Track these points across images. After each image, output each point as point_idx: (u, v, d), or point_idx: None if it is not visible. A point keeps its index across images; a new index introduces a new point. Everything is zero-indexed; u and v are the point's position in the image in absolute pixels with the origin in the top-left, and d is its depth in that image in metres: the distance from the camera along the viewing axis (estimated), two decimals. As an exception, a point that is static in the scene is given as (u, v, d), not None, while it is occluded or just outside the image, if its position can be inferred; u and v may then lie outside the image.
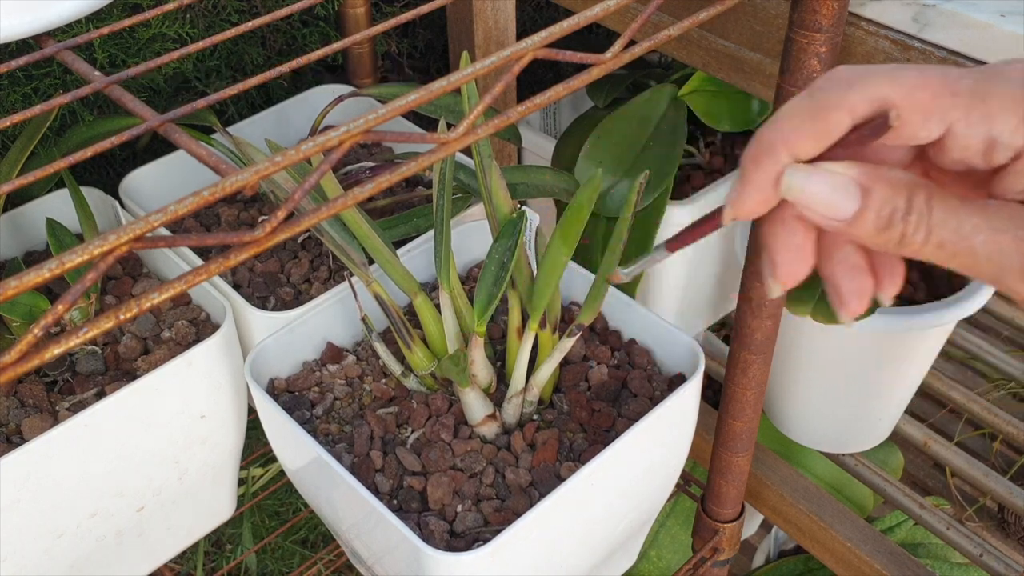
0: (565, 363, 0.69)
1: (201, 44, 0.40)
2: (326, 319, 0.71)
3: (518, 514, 0.57)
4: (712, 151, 1.03)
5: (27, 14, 0.45)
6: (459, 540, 0.59)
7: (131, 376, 0.67)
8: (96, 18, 0.85)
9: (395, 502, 0.61)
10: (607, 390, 0.67)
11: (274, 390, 0.68)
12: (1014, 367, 1.32)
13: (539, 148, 1.03)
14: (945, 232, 0.27)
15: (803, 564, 1.18)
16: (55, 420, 0.65)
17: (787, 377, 0.99)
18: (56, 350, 0.27)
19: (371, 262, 0.67)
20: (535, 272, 0.64)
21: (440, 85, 0.33)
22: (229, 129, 0.83)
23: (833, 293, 0.31)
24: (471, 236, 0.77)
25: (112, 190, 0.81)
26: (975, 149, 0.27)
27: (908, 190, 0.27)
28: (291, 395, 0.68)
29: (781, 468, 0.91)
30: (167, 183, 0.84)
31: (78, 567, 0.68)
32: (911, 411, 1.25)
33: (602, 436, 0.65)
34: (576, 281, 0.74)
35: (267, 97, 1.03)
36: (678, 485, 0.89)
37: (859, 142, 0.28)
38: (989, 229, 0.27)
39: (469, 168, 0.79)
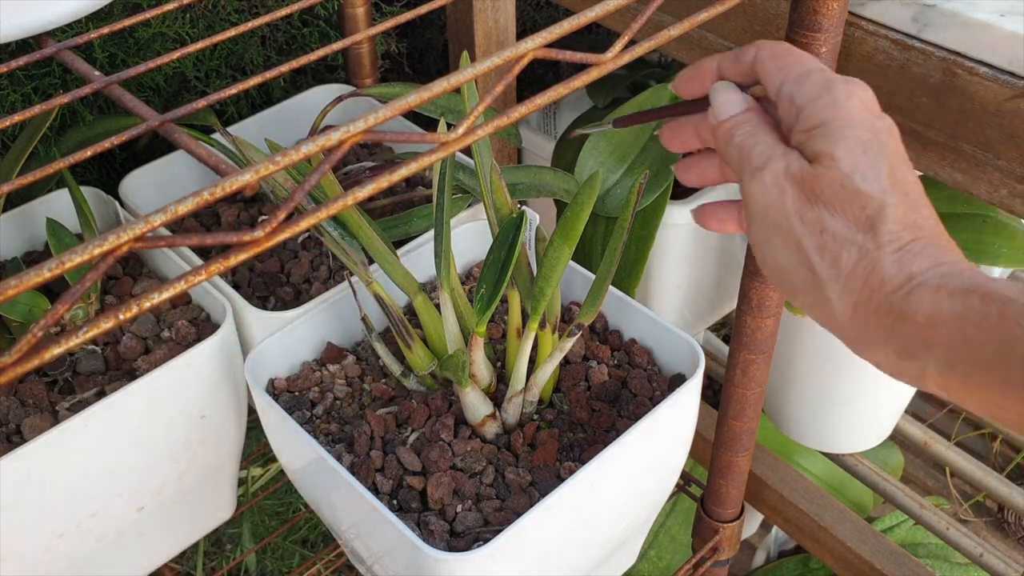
0: (565, 363, 0.69)
1: (201, 44, 0.40)
2: (326, 319, 0.71)
3: (518, 514, 0.57)
4: (712, 151, 1.03)
5: (27, 14, 0.45)
6: (459, 540, 0.59)
7: (131, 376, 0.67)
8: (96, 18, 0.85)
9: (395, 502, 0.61)
10: (607, 390, 0.67)
11: (274, 390, 0.68)
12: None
13: (539, 148, 1.03)
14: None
15: (803, 564, 1.18)
16: (55, 420, 0.65)
17: (787, 377, 0.99)
18: (56, 350, 0.27)
19: (371, 262, 0.67)
20: (535, 272, 0.64)
21: (440, 85, 0.33)
22: (229, 129, 0.83)
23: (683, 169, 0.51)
24: (471, 236, 0.77)
25: (112, 190, 0.81)
26: (784, 111, 0.43)
27: (755, 121, 0.44)
28: (291, 395, 0.68)
29: (781, 468, 0.91)
30: (167, 183, 0.84)
31: (78, 567, 0.68)
32: (911, 411, 1.25)
33: (602, 436, 0.65)
34: (576, 281, 0.74)
35: (267, 97, 1.03)
36: (678, 485, 0.89)
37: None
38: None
39: (469, 168, 0.79)
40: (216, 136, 0.81)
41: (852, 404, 0.98)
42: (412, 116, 0.93)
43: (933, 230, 0.40)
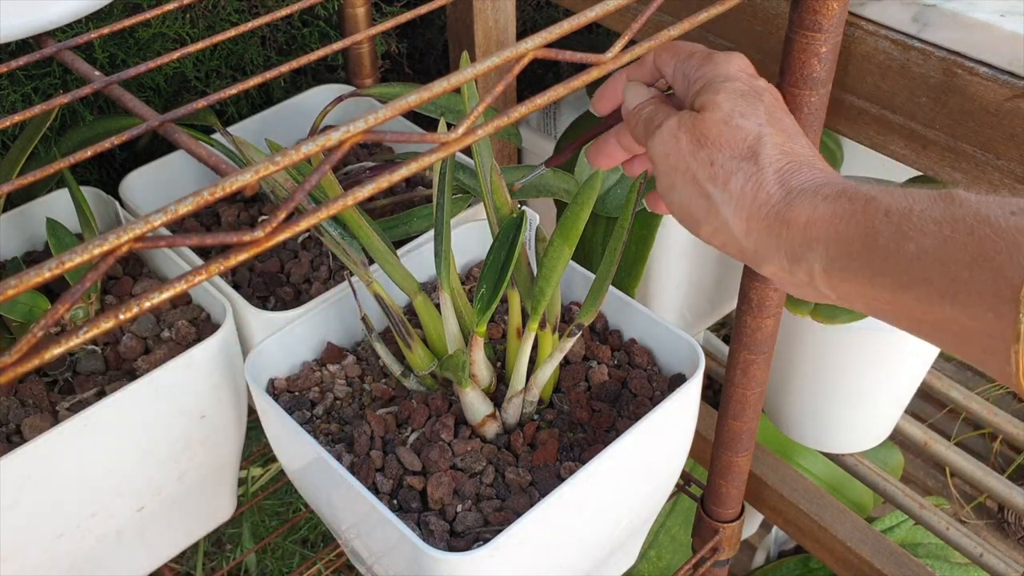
0: (565, 363, 0.69)
1: (201, 44, 0.40)
2: (326, 319, 0.71)
3: (518, 514, 0.57)
4: (712, 151, 1.03)
5: (27, 14, 0.45)
6: (459, 540, 0.59)
7: (131, 376, 0.67)
8: (96, 18, 0.85)
9: (395, 502, 0.61)
10: (607, 390, 0.67)
11: (274, 390, 0.68)
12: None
13: (539, 148, 1.03)
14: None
15: (803, 564, 1.18)
16: (55, 420, 0.65)
17: (787, 377, 0.99)
18: (56, 350, 0.27)
19: (371, 262, 0.67)
20: (535, 272, 0.64)
21: (440, 85, 0.33)
22: (229, 129, 0.83)
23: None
24: (471, 236, 0.77)
25: (112, 190, 0.81)
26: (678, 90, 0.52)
27: (658, 101, 0.52)
28: (291, 395, 0.68)
29: (781, 468, 0.91)
30: (167, 183, 0.84)
31: (78, 567, 0.68)
32: (911, 411, 1.25)
33: (602, 436, 0.65)
34: (576, 281, 0.74)
35: (267, 97, 1.03)
36: (678, 485, 0.89)
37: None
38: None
39: (469, 168, 0.79)
40: (216, 136, 0.81)
41: (852, 404, 0.98)
42: (412, 116, 0.93)
43: (809, 157, 0.46)
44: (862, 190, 0.42)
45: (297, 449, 0.65)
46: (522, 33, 1.10)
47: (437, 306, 0.66)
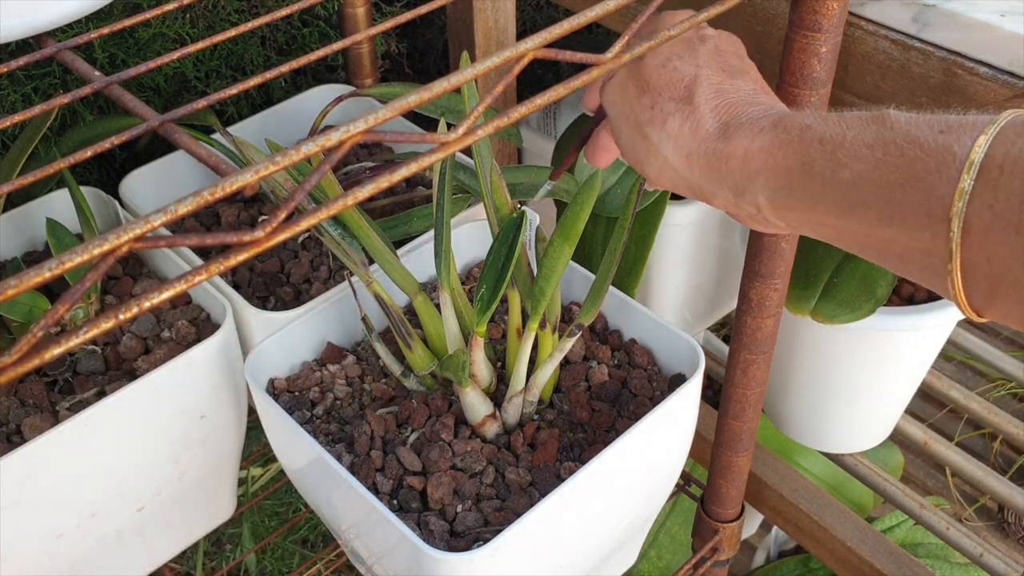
0: (565, 363, 0.69)
1: (201, 44, 0.40)
2: (326, 319, 0.71)
3: (518, 514, 0.57)
4: (712, 151, 1.03)
5: (27, 14, 0.45)
6: (459, 540, 0.59)
7: (131, 376, 0.67)
8: (96, 18, 0.85)
9: (395, 502, 0.61)
10: (607, 390, 0.67)
11: (274, 390, 0.68)
12: (1014, 367, 1.32)
13: (539, 148, 1.03)
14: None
15: (803, 564, 1.18)
16: (55, 420, 0.65)
17: (787, 377, 0.99)
18: (56, 350, 0.27)
19: (371, 262, 0.67)
20: (535, 272, 0.64)
21: (440, 85, 0.33)
22: (229, 129, 0.83)
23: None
24: (471, 236, 0.77)
25: (112, 190, 0.81)
26: None
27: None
28: (291, 395, 0.68)
29: (781, 468, 0.91)
30: (167, 183, 0.84)
31: (78, 567, 0.68)
32: (911, 411, 1.25)
33: (602, 436, 0.65)
34: (576, 281, 0.74)
35: (267, 97, 1.03)
36: (678, 485, 0.89)
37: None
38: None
39: (469, 168, 0.79)
40: (216, 136, 0.81)
41: (852, 404, 0.98)
42: (412, 116, 0.93)
43: (749, 93, 0.47)
44: (797, 119, 0.42)
45: (297, 449, 0.65)
46: (522, 33, 1.10)
47: (437, 306, 0.66)
